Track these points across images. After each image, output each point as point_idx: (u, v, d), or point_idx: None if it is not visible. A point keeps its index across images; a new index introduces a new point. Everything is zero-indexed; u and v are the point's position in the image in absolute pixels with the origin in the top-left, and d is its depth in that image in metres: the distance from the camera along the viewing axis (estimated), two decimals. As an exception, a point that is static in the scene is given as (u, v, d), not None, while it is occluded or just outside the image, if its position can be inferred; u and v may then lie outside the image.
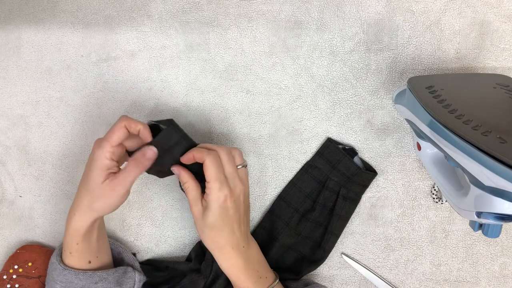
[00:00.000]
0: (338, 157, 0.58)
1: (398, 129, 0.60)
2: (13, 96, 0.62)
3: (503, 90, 0.48)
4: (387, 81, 0.60)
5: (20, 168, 0.62)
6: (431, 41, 0.59)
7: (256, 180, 0.61)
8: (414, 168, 0.60)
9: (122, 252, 0.58)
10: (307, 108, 0.60)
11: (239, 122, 0.61)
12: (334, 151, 0.59)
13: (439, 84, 0.50)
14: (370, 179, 0.60)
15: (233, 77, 0.60)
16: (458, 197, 0.51)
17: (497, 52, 0.59)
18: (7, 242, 0.63)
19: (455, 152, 0.44)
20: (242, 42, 0.60)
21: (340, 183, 0.59)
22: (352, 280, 0.62)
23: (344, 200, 0.59)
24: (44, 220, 0.62)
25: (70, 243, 0.50)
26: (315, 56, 0.59)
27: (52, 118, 0.62)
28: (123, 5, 0.60)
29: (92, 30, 0.60)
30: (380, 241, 0.61)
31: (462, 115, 0.43)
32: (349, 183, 0.59)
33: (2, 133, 0.62)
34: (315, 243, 0.60)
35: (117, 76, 0.61)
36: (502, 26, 0.58)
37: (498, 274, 0.61)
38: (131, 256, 0.59)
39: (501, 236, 0.60)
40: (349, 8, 0.59)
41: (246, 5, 0.59)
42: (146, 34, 0.60)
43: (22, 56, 0.61)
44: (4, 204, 0.63)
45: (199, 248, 0.60)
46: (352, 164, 0.58)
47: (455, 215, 0.60)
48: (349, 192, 0.59)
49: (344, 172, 0.58)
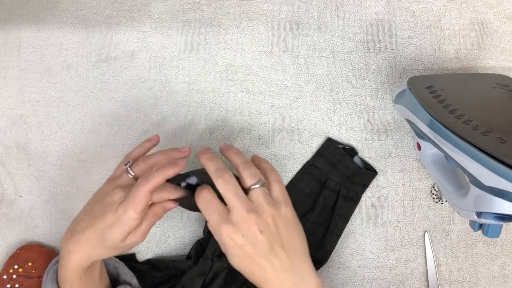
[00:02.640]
0: (338, 157, 0.58)
1: (398, 129, 0.60)
2: (13, 96, 0.62)
3: (503, 90, 0.48)
4: (387, 81, 0.60)
5: (20, 168, 0.62)
6: (431, 41, 0.59)
7: (256, 180, 0.61)
8: (414, 168, 0.60)
9: (118, 267, 0.56)
10: (307, 108, 0.60)
11: (239, 122, 0.61)
12: (334, 151, 0.59)
13: (439, 84, 0.50)
14: (370, 179, 0.60)
15: (233, 77, 0.60)
16: (458, 197, 0.51)
17: (497, 52, 0.59)
18: (7, 242, 0.63)
19: (455, 152, 0.44)
20: (242, 42, 0.60)
21: (340, 183, 0.59)
22: (352, 280, 0.62)
23: (345, 200, 0.59)
24: (44, 220, 0.62)
25: (72, 278, 0.46)
26: (315, 56, 0.59)
27: (52, 118, 0.62)
28: (123, 5, 0.60)
29: (92, 30, 0.60)
30: (380, 241, 0.61)
31: (462, 115, 0.43)
32: (349, 183, 0.59)
33: (2, 133, 0.62)
34: (316, 244, 0.60)
35: (117, 76, 0.61)
36: (502, 26, 0.58)
37: (498, 274, 0.61)
38: (128, 271, 0.56)
39: (501, 236, 0.60)
40: (349, 8, 0.59)
41: (246, 5, 0.59)
42: (146, 34, 0.60)
43: (22, 56, 0.61)
44: (4, 204, 0.63)
45: (199, 246, 0.60)
46: (352, 164, 0.58)
47: (455, 215, 0.60)
48: (349, 191, 0.59)
49: (344, 172, 0.58)
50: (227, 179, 0.41)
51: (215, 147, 0.61)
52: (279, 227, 0.41)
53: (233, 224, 0.40)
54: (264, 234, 0.40)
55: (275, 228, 0.41)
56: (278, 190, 0.43)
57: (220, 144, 0.49)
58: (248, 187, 0.42)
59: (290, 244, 0.42)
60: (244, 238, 0.40)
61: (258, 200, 0.41)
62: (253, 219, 0.40)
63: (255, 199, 0.41)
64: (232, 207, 0.41)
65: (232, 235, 0.40)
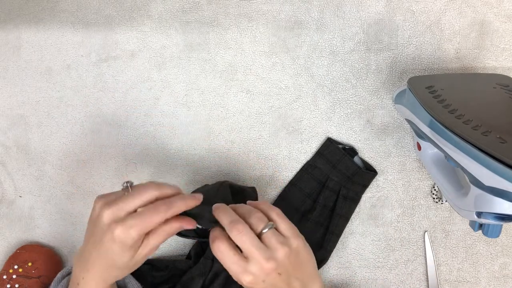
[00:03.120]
0: (338, 157, 0.58)
1: (398, 129, 0.60)
2: (13, 96, 0.61)
3: (503, 90, 0.48)
4: (387, 81, 0.60)
5: (20, 168, 0.62)
6: (431, 41, 0.59)
7: (256, 181, 0.61)
8: (414, 168, 0.60)
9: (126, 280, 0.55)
10: (307, 108, 0.60)
11: (239, 122, 0.61)
12: (334, 151, 0.59)
13: (439, 84, 0.50)
14: (370, 179, 0.60)
15: (233, 77, 0.60)
16: (458, 197, 0.51)
17: (497, 52, 0.59)
18: (7, 242, 0.63)
19: (455, 152, 0.44)
20: (242, 42, 0.60)
21: (340, 183, 0.59)
22: (352, 280, 0.62)
23: (345, 200, 0.59)
24: (44, 220, 0.62)
25: None
26: (315, 56, 0.59)
27: (52, 118, 0.62)
28: (123, 5, 0.60)
29: (92, 30, 0.60)
30: (380, 241, 0.61)
31: (462, 115, 0.43)
32: (349, 182, 0.59)
33: (2, 133, 0.62)
34: (316, 244, 0.60)
35: (117, 76, 0.61)
36: (502, 26, 0.58)
37: (498, 274, 0.61)
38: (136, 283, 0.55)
39: (501, 236, 0.60)
40: (349, 8, 0.59)
41: (246, 5, 0.59)
42: (146, 34, 0.60)
43: (22, 56, 0.61)
44: (4, 204, 0.63)
45: (199, 246, 0.60)
46: (352, 164, 0.58)
47: (455, 215, 0.60)
48: (349, 191, 0.59)
49: (344, 172, 0.58)
50: (241, 229, 0.43)
51: (215, 147, 0.61)
52: (293, 262, 0.44)
53: (253, 274, 0.42)
54: (282, 275, 0.43)
55: (291, 265, 0.44)
56: (285, 225, 0.45)
57: None
58: (259, 232, 0.44)
59: (303, 272, 0.45)
60: (264, 283, 0.43)
61: (271, 243, 0.43)
62: (272, 267, 0.42)
63: (268, 242, 0.43)
64: (250, 257, 0.42)
65: (253, 283, 0.43)
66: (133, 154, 0.61)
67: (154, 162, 0.61)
